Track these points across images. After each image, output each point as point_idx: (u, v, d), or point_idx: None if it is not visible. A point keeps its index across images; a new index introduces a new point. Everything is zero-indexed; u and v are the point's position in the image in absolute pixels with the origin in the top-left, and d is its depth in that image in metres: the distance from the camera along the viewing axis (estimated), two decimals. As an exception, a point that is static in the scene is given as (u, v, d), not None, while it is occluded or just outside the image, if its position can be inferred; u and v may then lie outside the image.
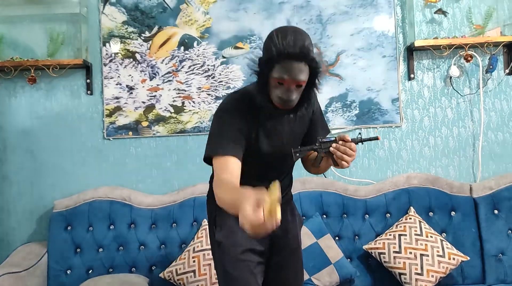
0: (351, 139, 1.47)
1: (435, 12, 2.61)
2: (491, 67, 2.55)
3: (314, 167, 1.58)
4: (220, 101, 2.62)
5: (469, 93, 2.64)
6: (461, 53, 2.58)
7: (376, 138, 1.51)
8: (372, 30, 2.66)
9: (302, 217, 2.41)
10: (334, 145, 1.45)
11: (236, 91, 1.55)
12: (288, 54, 1.30)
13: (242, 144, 1.44)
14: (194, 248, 2.31)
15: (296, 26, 1.42)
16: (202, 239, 2.34)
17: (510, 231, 2.40)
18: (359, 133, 1.53)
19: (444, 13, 2.60)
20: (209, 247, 2.29)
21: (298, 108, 1.45)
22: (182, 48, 2.65)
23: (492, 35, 2.57)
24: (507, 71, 2.62)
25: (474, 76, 2.64)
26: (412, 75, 2.64)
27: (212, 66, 2.66)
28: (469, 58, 2.54)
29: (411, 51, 2.63)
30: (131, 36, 2.65)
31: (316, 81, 1.40)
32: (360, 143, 1.49)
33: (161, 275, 2.30)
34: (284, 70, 1.32)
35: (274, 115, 1.49)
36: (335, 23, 2.66)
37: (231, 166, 1.38)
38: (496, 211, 2.42)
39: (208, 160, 1.47)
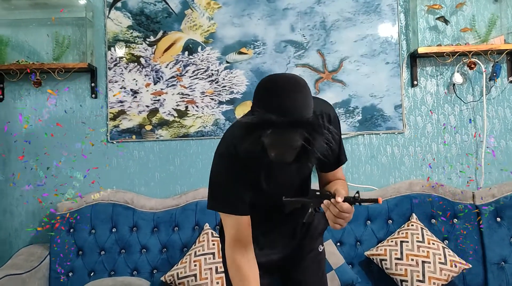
0: (346, 198, 1.23)
1: (437, 19, 2.62)
2: (494, 74, 2.55)
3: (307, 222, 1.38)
4: (224, 105, 2.65)
5: (472, 101, 2.64)
6: (464, 61, 2.58)
7: (376, 201, 1.22)
8: (376, 37, 2.67)
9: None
10: (325, 202, 1.25)
11: (235, 125, 1.36)
12: (282, 124, 1.11)
13: (248, 197, 1.35)
14: (195, 252, 2.32)
15: (293, 74, 1.23)
16: (204, 243, 2.35)
17: (512, 239, 2.40)
18: (357, 192, 1.25)
19: (446, 21, 2.60)
20: (211, 251, 2.31)
21: (302, 158, 1.22)
22: (186, 53, 2.67)
23: (496, 43, 2.57)
24: (510, 78, 2.62)
25: (477, 83, 2.64)
26: (415, 82, 2.65)
27: (216, 71, 2.67)
28: (472, 66, 2.55)
29: (414, 58, 2.64)
30: (136, 41, 2.67)
31: (315, 133, 1.16)
32: (358, 204, 1.25)
33: (162, 278, 2.30)
34: (277, 139, 1.14)
35: None
36: (339, 30, 2.68)
37: (246, 226, 1.35)
38: (498, 219, 2.42)
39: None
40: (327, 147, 1.21)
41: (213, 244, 2.34)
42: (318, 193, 1.30)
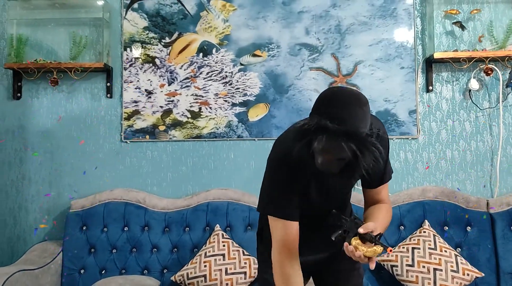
0: (361, 235, 1.25)
1: (453, 23, 2.59)
2: (511, 81, 2.52)
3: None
4: (237, 107, 2.66)
5: (489, 107, 2.60)
6: (481, 66, 2.55)
7: (385, 251, 1.25)
8: (391, 41, 2.65)
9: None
10: (345, 244, 1.27)
11: (290, 129, 1.39)
12: (336, 132, 1.13)
13: (298, 205, 1.38)
14: (206, 253, 2.33)
15: (357, 91, 1.25)
16: (214, 244, 2.35)
17: (527, 249, 2.36)
18: (379, 234, 1.26)
19: (462, 26, 2.57)
20: (221, 252, 2.32)
21: (347, 171, 1.24)
22: (201, 54, 2.69)
23: (514, 49, 2.53)
24: (527, 85, 2.58)
25: (494, 90, 2.60)
26: (430, 87, 2.62)
27: (230, 73, 2.68)
28: (489, 72, 2.51)
29: (430, 63, 2.62)
30: (151, 42, 2.69)
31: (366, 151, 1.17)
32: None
33: (172, 278, 2.31)
34: (327, 146, 1.15)
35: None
36: (354, 33, 2.67)
37: (295, 232, 1.36)
38: (513, 228, 2.38)
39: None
40: (373, 165, 1.20)
41: (224, 246, 2.35)
42: (356, 220, 1.33)
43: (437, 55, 2.51)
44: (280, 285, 1.39)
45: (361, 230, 1.24)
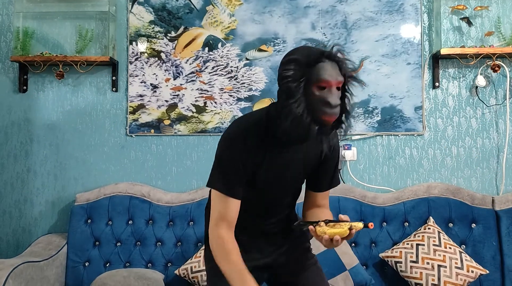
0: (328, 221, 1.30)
1: (461, 19, 2.57)
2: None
3: None
4: (242, 102, 2.66)
5: (495, 104, 2.59)
6: (488, 63, 2.53)
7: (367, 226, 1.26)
8: (398, 37, 2.64)
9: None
10: (311, 228, 1.31)
11: (246, 116, 1.43)
12: (324, 55, 1.25)
13: (244, 184, 1.39)
14: (210, 247, 2.33)
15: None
16: (218, 238, 2.35)
17: (532, 247, 2.34)
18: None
19: (469, 22, 2.56)
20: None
21: (339, 120, 1.30)
22: (206, 49, 2.68)
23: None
24: (535, 82, 2.56)
25: (501, 86, 2.59)
26: (437, 84, 2.61)
27: (235, 67, 2.68)
28: (496, 68, 2.50)
29: (436, 59, 2.60)
30: (157, 36, 2.69)
31: (347, 88, 1.29)
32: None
33: (176, 272, 2.32)
34: (325, 71, 1.23)
35: (289, 144, 1.39)
36: (360, 29, 2.65)
37: (234, 209, 1.38)
38: (518, 225, 2.37)
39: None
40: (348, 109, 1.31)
41: (228, 240, 2.35)
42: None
43: (443, 51, 2.50)
44: (221, 261, 1.37)
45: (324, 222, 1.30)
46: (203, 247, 2.33)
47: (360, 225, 1.26)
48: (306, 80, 1.24)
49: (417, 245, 2.27)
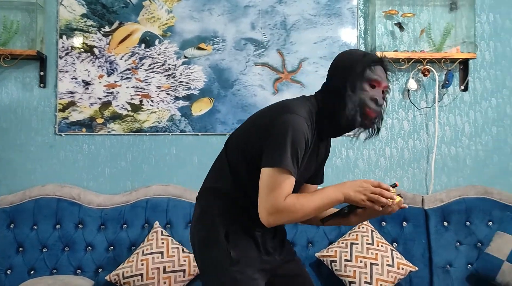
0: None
1: (394, 24, 2.66)
2: (447, 82, 2.62)
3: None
4: (180, 101, 2.59)
5: (425, 107, 2.70)
6: (419, 67, 2.63)
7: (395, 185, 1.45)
8: (335, 40, 2.68)
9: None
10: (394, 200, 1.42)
11: (298, 100, 1.47)
12: (379, 60, 1.44)
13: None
14: (143, 251, 2.25)
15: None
16: (153, 242, 2.28)
17: (458, 243, 2.46)
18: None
19: (401, 27, 2.65)
20: (159, 250, 2.24)
21: (373, 123, 1.48)
22: (143, 45, 2.59)
23: (451, 52, 2.63)
24: (462, 87, 2.69)
25: (430, 90, 2.70)
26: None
27: (173, 65, 2.61)
28: (426, 73, 2.60)
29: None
30: (90, 30, 2.56)
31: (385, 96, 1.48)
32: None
33: (107, 277, 2.21)
34: (378, 72, 1.43)
35: (324, 139, 1.53)
36: (299, 30, 2.67)
37: (291, 188, 1.37)
38: (445, 223, 2.48)
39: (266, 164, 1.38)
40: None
41: (162, 243, 2.28)
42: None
43: (378, 55, 2.56)
44: (305, 209, 1.37)
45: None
46: (136, 251, 2.24)
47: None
48: (362, 76, 1.40)
49: (351, 244, 2.32)
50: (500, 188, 2.58)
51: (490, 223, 2.49)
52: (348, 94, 1.39)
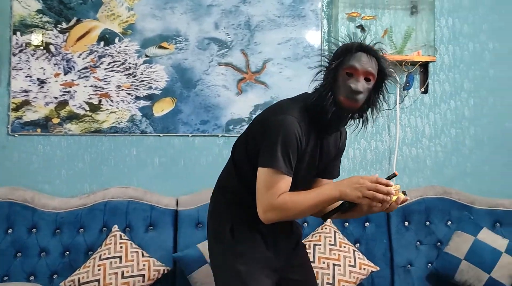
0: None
1: (356, 26, 2.68)
2: (407, 84, 2.66)
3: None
4: (141, 101, 2.52)
5: (387, 109, 2.73)
6: (381, 69, 2.66)
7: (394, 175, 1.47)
8: (299, 41, 2.68)
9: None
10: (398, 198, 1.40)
11: (293, 101, 1.53)
12: (361, 47, 1.42)
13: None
14: (100, 256, 2.17)
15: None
16: (111, 246, 2.20)
17: (418, 243, 2.50)
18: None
19: (363, 29, 2.67)
20: (117, 255, 2.17)
21: (363, 111, 1.47)
22: (102, 43, 2.51)
23: (413, 55, 2.67)
24: (422, 89, 2.74)
25: (392, 92, 2.73)
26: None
27: (134, 64, 2.54)
28: (388, 75, 2.63)
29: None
30: (45, 26, 2.46)
31: (384, 83, 1.46)
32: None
33: (61, 284, 2.12)
34: (356, 60, 1.40)
35: (323, 133, 1.53)
36: (263, 31, 2.65)
37: (287, 186, 1.43)
38: (406, 223, 2.51)
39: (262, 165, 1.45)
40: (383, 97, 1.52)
41: (121, 247, 2.20)
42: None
43: (341, 57, 2.58)
44: (298, 207, 1.41)
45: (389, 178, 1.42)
46: (93, 256, 2.16)
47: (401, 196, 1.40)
48: (338, 64, 1.41)
49: (314, 245, 2.31)
50: (458, 189, 2.64)
51: (449, 222, 2.54)
52: (323, 84, 1.44)
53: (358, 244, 2.45)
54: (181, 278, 2.24)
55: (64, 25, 2.48)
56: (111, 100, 2.51)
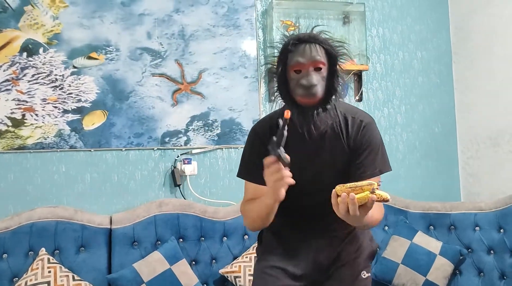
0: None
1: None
2: (343, 93, 2.71)
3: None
4: (69, 115, 2.40)
5: (324, 117, 2.76)
6: (317, 78, 2.69)
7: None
8: (235, 50, 2.66)
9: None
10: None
11: (270, 113, 1.55)
12: (299, 39, 1.32)
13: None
14: (26, 282, 2.01)
15: None
16: (37, 271, 2.05)
17: (357, 249, 2.53)
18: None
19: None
20: (45, 280, 2.05)
21: (326, 101, 1.35)
22: (25, 54, 2.35)
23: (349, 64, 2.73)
24: (357, 97, 2.80)
25: (328, 100, 2.77)
26: (272, 97, 2.69)
27: (60, 76, 2.40)
28: (323, 83, 2.67)
29: (272, 74, 2.67)
30: (-41, 36, 2.28)
31: (337, 66, 1.35)
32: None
33: (-20, 317, 1.95)
34: (297, 54, 1.31)
35: (299, 137, 1.38)
36: (198, 40, 2.61)
37: (259, 192, 1.41)
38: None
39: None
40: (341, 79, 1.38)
41: (49, 272, 2.06)
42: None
43: (277, 66, 2.58)
44: (246, 212, 1.47)
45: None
46: (19, 283, 2.00)
47: (385, 195, 1.17)
48: (283, 66, 1.34)
49: (255, 257, 2.27)
50: (394, 194, 2.72)
51: (386, 227, 2.59)
52: (279, 93, 1.40)
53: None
54: (116, 300, 2.12)
55: (-20, 35, 2.30)
56: (36, 114, 2.35)
